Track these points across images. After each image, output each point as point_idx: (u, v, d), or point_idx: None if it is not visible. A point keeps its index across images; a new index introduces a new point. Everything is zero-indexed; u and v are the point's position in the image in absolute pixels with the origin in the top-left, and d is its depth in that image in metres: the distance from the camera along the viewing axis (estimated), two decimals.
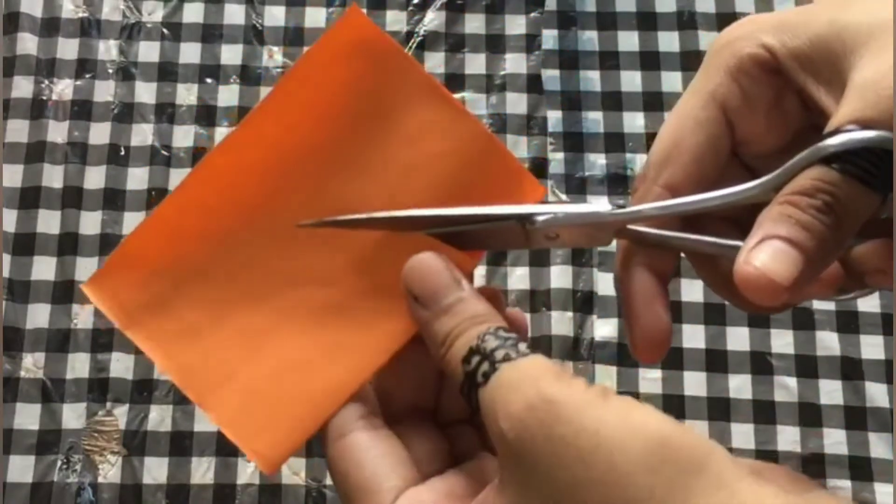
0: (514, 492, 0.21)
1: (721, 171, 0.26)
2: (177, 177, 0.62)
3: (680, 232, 0.26)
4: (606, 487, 0.19)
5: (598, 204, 0.26)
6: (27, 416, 0.57)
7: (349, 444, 0.25)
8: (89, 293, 0.27)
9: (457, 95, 0.63)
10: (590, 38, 0.65)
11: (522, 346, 0.23)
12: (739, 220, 0.26)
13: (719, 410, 0.57)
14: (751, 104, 0.26)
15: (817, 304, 0.59)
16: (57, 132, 0.62)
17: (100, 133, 0.63)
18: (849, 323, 0.58)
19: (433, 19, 0.66)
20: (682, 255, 0.28)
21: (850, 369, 0.57)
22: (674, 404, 0.57)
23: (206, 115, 0.63)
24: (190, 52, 0.65)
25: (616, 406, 0.20)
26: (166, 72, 0.64)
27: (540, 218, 0.25)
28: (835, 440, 0.56)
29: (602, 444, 0.19)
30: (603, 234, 0.26)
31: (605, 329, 0.59)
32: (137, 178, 0.62)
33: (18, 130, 0.62)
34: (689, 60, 0.64)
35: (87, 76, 0.64)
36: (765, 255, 0.21)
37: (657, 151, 0.27)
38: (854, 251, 0.25)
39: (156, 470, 0.56)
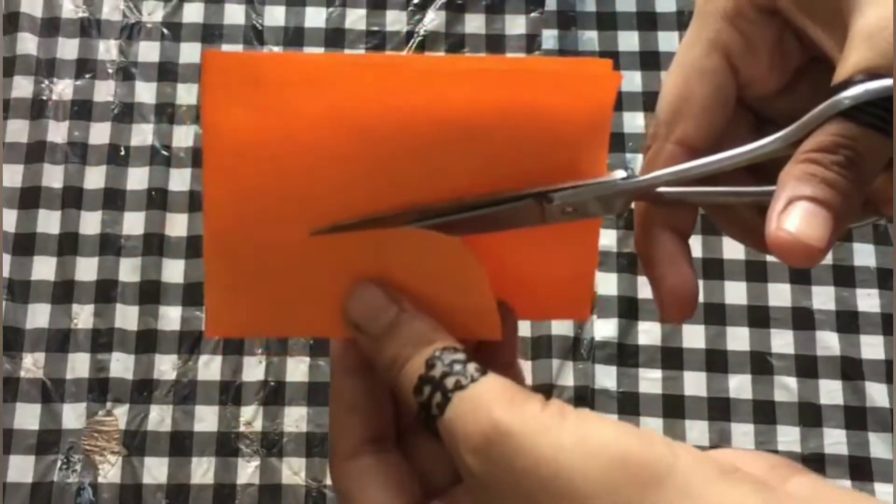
0: None
1: (730, 119, 0.26)
2: (177, 177, 0.62)
3: (695, 186, 0.25)
4: None
5: (615, 173, 0.25)
6: (27, 416, 0.57)
7: (355, 467, 0.25)
8: (208, 60, 0.24)
9: None
10: (590, 38, 0.65)
11: (472, 368, 0.22)
12: (753, 167, 0.26)
13: (719, 410, 0.57)
14: (753, 48, 0.25)
15: (817, 304, 0.59)
16: (57, 132, 0.62)
17: (100, 133, 0.63)
18: (849, 323, 0.58)
19: (433, 19, 0.66)
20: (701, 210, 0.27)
21: (850, 369, 0.57)
22: (674, 404, 0.57)
23: None
24: (190, 52, 0.65)
25: (572, 427, 0.20)
26: (166, 72, 0.64)
27: (558, 194, 0.25)
28: (835, 440, 0.56)
29: (561, 470, 0.19)
30: (619, 200, 0.25)
31: (605, 329, 0.59)
32: (137, 178, 0.62)
33: (18, 130, 0.62)
34: None
35: (87, 76, 0.64)
36: (796, 218, 0.21)
37: (665, 107, 0.26)
38: None
39: (156, 470, 0.56)
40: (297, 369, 0.58)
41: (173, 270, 0.60)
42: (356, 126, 0.24)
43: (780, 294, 0.59)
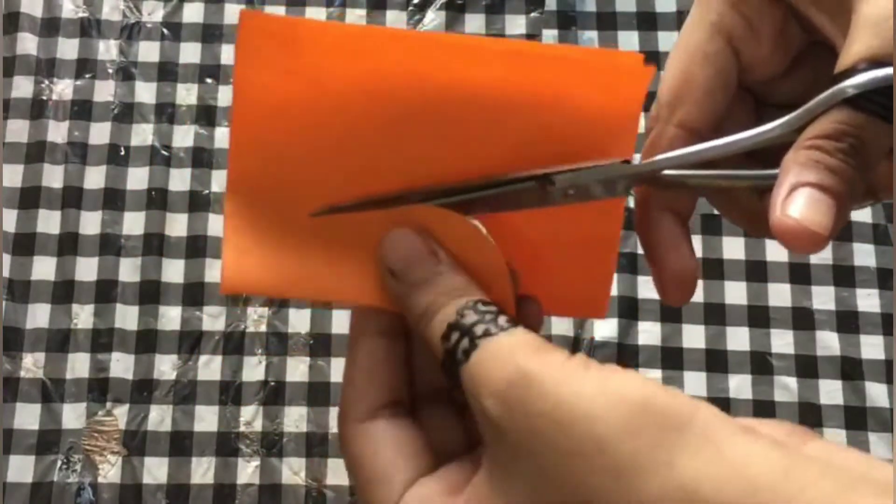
0: (501, 473, 0.21)
1: (731, 102, 0.26)
2: (177, 176, 0.62)
3: (695, 170, 0.25)
4: (589, 458, 0.19)
5: (615, 159, 0.25)
6: (27, 416, 0.57)
7: (369, 430, 0.24)
8: (245, 20, 0.24)
9: None
10: (590, 38, 0.65)
11: (503, 320, 0.22)
12: (751, 150, 0.26)
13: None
14: (755, 32, 0.25)
15: (817, 304, 0.59)
16: (57, 132, 0.62)
17: (100, 133, 0.63)
18: (849, 323, 0.58)
19: (433, 19, 0.66)
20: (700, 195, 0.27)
21: (850, 369, 0.57)
22: None
23: (206, 115, 0.63)
24: (190, 52, 0.65)
25: (595, 375, 0.20)
26: (166, 72, 0.64)
27: (560, 176, 0.25)
28: (835, 440, 0.56)
29: (580, 415, 0.19)
30: (621, 184, 0.25)
31: (605, 329, 0.59)
32: (137, 178, 0.62)
33: (18, 130, 0.62)
34: None
35: (87, 76, 0.64)
36: (800, 204, 0.21)
37: (667, 90, 0.26)
38: None
39: (156, 470, 0.56)
40: (297, 369, 0.58)
41: (173, 270, 0.60)
42: (384, 99, 0.24)
43: (780, 294, 0.59)
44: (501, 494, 0.21)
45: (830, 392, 0.57)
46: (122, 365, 0.58)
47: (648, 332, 0.59)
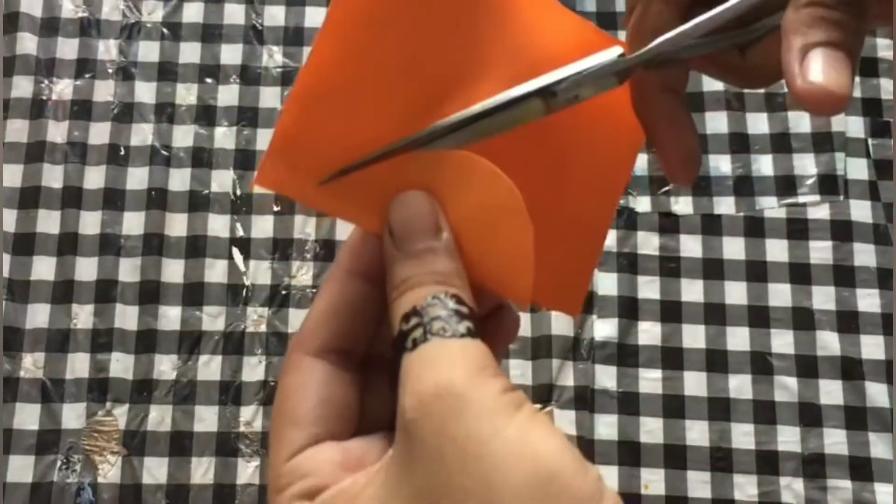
0: (398, 472, 0.20)
1: None
2: (177, 176, 0.62)
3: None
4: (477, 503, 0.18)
5: (610, 52, 0.25)
6: (27, 416, 0.57)
7: (309, 365, 0.24)
8: None
9: None
10: None
11: (463, 326, 0.21)
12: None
13: (719, 410, 0.57)
14: None
15: (817, 304, 0.59)
16: (57, 132, 0.62)
17: (100, 133, 0.63)
18: (849, 323, 0.58)
19: None
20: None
21: (850, 369, 0.57)
22: (674, 404, 0.57)
23: (206, 115, 0.63)
24: (190, 52, 0.65)
25: (520, 422, 0.19)
26: (166, 71, 0.64)
27: (561, 86, 0.24)
28: (835, 440, 0.56)
29: (486, 457, 0.19)
30: (614, 77, 0.25)
31: (605, 329, 0.59)
32: (137, 178, 0.62)
33: (18, 130, 0.62)
34: None
35: (87, 76, 0.64)
36: (819, 68, 0.20)
37: None
38: None
39: (156, 470, 0.56)
40: None
41: (173, 270, 0.60)
42: (435, 30, 0.25)
43: (780, 294, 0.59)
44: (389, 492, 0.20)
45: (830, 392, 0.57)
46: (121, 365, 0.58)
47: (648, 332, 0.59)
